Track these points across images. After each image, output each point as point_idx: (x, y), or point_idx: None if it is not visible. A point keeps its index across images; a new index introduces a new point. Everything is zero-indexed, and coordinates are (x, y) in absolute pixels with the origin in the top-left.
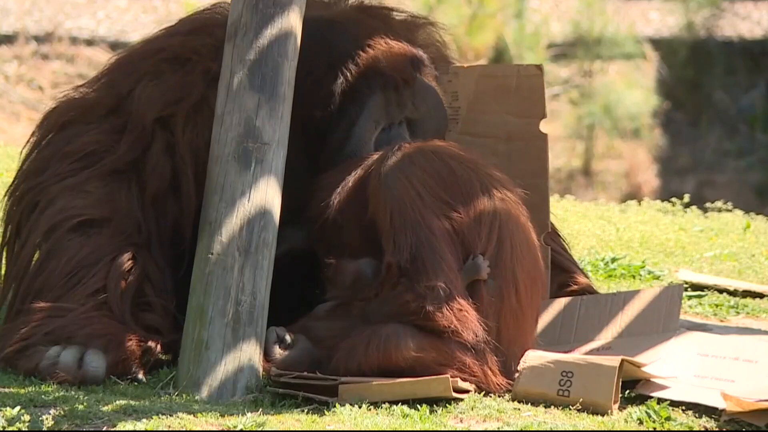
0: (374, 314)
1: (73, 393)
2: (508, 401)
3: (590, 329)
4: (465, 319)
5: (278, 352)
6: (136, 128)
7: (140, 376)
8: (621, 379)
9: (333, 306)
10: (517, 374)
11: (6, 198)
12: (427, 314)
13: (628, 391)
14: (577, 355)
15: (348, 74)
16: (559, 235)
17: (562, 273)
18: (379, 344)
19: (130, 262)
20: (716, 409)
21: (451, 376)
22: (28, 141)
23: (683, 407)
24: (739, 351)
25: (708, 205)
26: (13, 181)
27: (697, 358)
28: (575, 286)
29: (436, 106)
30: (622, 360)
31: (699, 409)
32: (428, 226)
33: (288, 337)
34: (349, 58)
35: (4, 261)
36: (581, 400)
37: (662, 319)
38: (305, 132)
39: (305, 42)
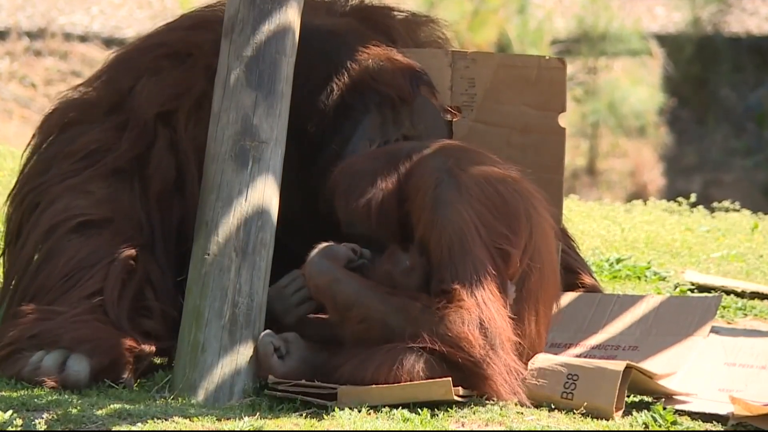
0: (419, 323)
1: (66, 397)
2: (511, 405)
3: (617, 327)
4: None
5: (274, 362)
6: (137, 125)
7: (130, 381)
8: (627, 386)
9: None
10: (523, 376)
11: (8, 201)
12: (474, 364)
13: (632, 396)
14: (584, 359)
15: (343, 90)
16: (567, 234)
17: (568, 273)
18: (390, 368)
19: (130, 264)
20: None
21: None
22: (28, 144)
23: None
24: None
25: (715, 204)
26: (15, 185)
27: (723, 369)
28: (581, 288)
29: (436, 122)
30: (628, 365)
31: (706, 414)
32: (481, 261)
33: (282, 347)
34: (346, 73)
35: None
36: (584, 403)
37: (693, 327)
38: (298, 145)
39: (301, 53)
